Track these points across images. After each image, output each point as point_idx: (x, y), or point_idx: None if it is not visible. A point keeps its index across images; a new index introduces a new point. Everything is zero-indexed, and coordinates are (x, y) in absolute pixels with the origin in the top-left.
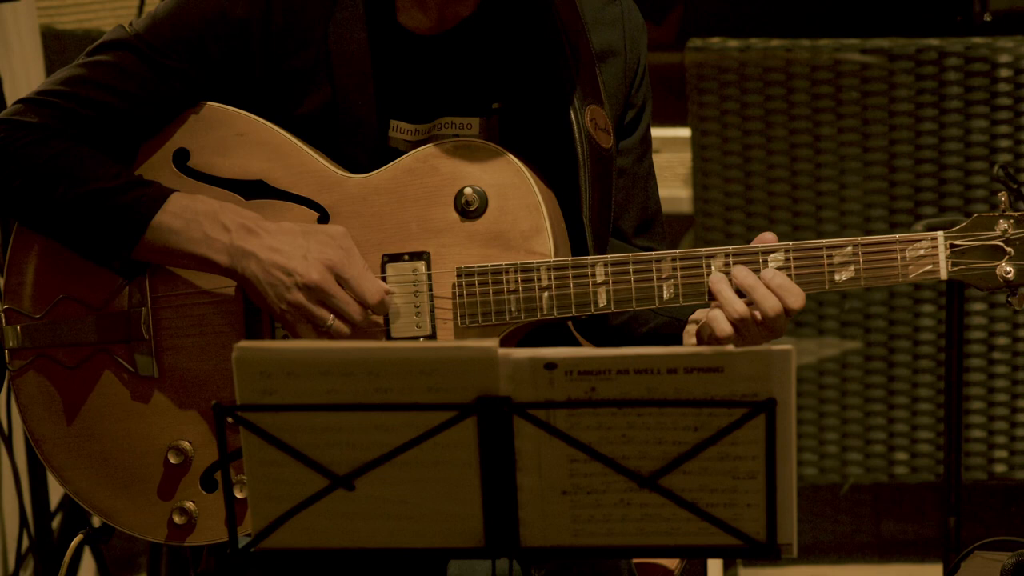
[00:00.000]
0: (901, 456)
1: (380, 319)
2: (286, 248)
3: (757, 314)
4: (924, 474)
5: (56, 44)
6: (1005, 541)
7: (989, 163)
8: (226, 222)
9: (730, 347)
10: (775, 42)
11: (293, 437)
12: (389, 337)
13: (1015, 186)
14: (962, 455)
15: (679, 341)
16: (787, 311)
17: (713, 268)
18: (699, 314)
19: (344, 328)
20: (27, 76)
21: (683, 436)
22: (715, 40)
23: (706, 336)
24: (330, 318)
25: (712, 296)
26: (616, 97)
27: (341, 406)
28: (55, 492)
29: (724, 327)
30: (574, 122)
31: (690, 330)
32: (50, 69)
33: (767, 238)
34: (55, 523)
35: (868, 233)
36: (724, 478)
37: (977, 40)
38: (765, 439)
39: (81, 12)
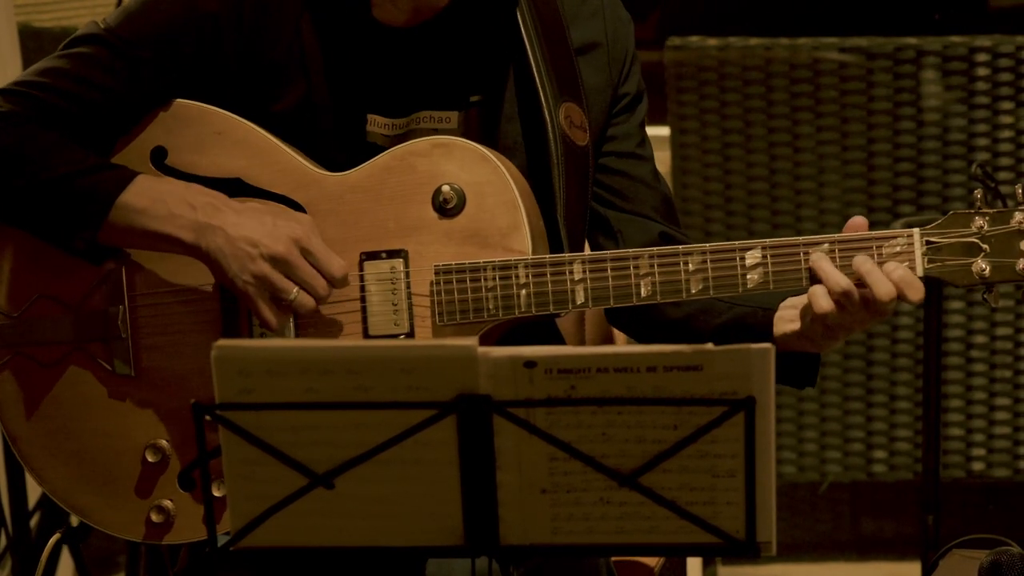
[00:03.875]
0: (880, 454)
1: (357, 316)
2: (252, 223)
3: (867, 293)
4: (902, 472)
5: (33, 41)
6: (983, 539)
7: (967, 161)
8: (192, 200)
9: (709, 345)
10: (754, 41)
11: (272, 436)
12: (367, 335)
13: (993, 184)
14: (940, 453)
15: (767, 330)
16: (905, 301)
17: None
18: (795, 300)
19: (308, 301)
20: (4, 73)
21: (663, 435)
22: (694, 39)
23: (808, 317)
24: (294, 290)
25: (813, 278)
26: (601, 91)
27: (320, 404)
28: (33, 492)
29: (823, 303)
30: (547, 120)
31: (785, 316)
32: (27, 66)
33: (858, 223)
34: (33, 523)
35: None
36: (704, 476)
37: (955, 39)
38: (744, 437)
39: (58, 9)
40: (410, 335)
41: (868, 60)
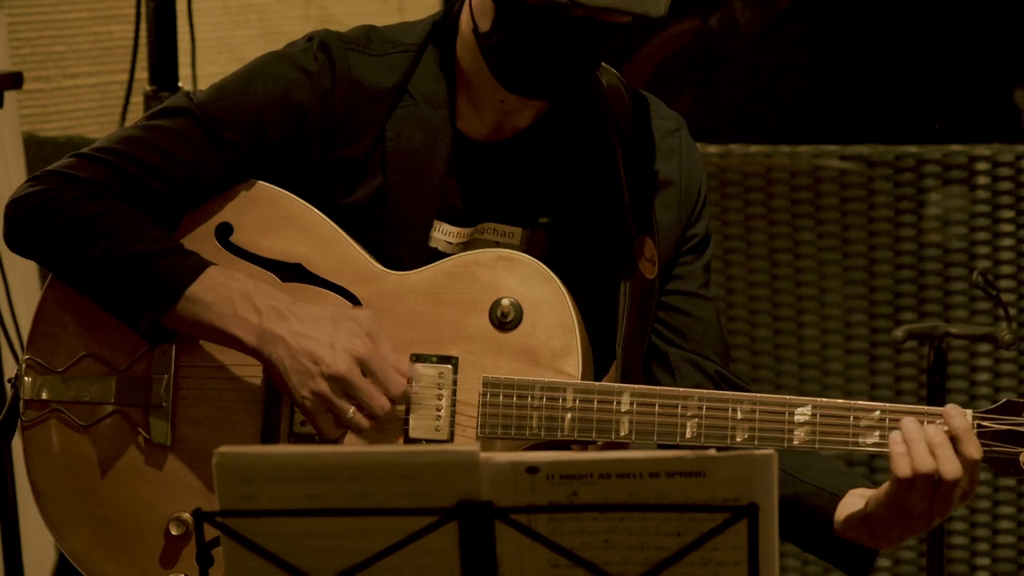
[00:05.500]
0: (884, 563)
1: (400, 415)
2: (314, 335)
3: (940, 472)
4: None
5: (38, 151)
6: None
7: (968, 269)
8: (258, 303)
9: (712, 451)
10: (755, 148)
11: (273, 543)
12: (407, 437)
13: (994, 292)
14: (945, 562)
15: (830, 515)
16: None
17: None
18: (863, 490)
19: (363, 421)
20: (9, 183)
21: (665, 541)
22: (696, 148)
23: (874, 503)
24: (351, 410)
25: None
26: (670, 229)
27: (321, 511)
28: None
29: (903, 467)
30: (623, 250)
31: (850, 502)
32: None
33: (951, 413)
34: None
35: (849, 339)
36: None
37: (955, 147)
38: (747, 544)
39: (63, 119)
40: (448, 442)
41: (869, 168)
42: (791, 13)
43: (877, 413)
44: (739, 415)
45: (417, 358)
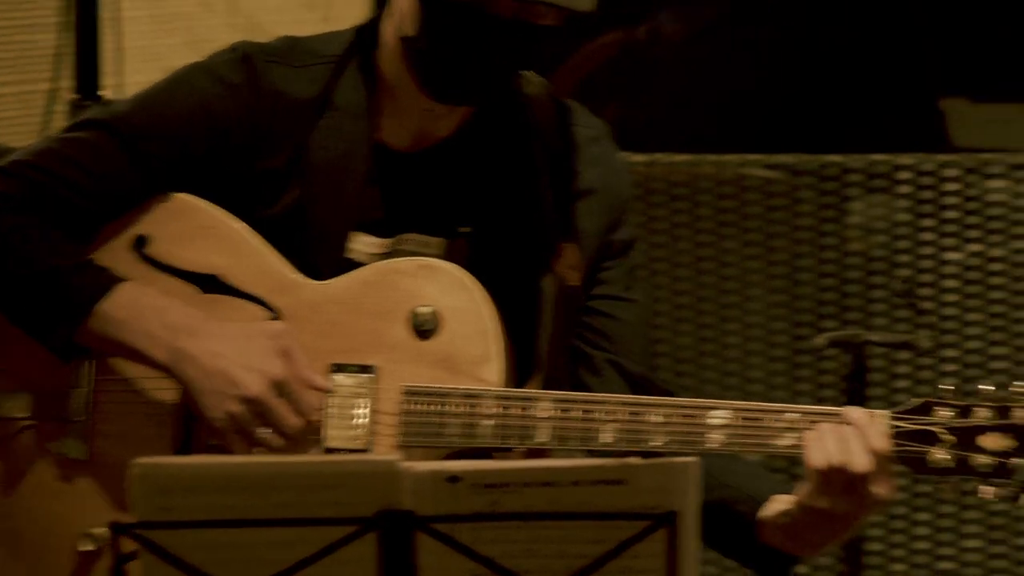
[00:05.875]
0: (801, 569)
1: (316, 426)
2: (228, 354)
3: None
4: None
5: None
6: None
7: (889, 277)
8: (169, 321)
9: (634, 459)
10: (679, 157)
11: (191, 554)
12: (325, 447)
13: (914, 301)
14: (861, 568)
15: (751, 518)
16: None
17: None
18: (785, 496)
19: (276, 441)
20: None
21: (586, 549)
22: (620, 155)
23: (794, 506)
24: (264, 431)
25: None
26: (593, 236)
27: (238, 522)
28: None
29: (818, 457)
30: (544, 258)
31: (773, 506)
32: None
33: (848, 410)
34: None
35: (771, 346)
36: None
37: (878, 157)
38: (667, 552)
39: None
40: (366, 451)
41: (793, 176)
42: (716, 23)
43: (791, 415)
44: (656, 419)
45: (337, 368)
